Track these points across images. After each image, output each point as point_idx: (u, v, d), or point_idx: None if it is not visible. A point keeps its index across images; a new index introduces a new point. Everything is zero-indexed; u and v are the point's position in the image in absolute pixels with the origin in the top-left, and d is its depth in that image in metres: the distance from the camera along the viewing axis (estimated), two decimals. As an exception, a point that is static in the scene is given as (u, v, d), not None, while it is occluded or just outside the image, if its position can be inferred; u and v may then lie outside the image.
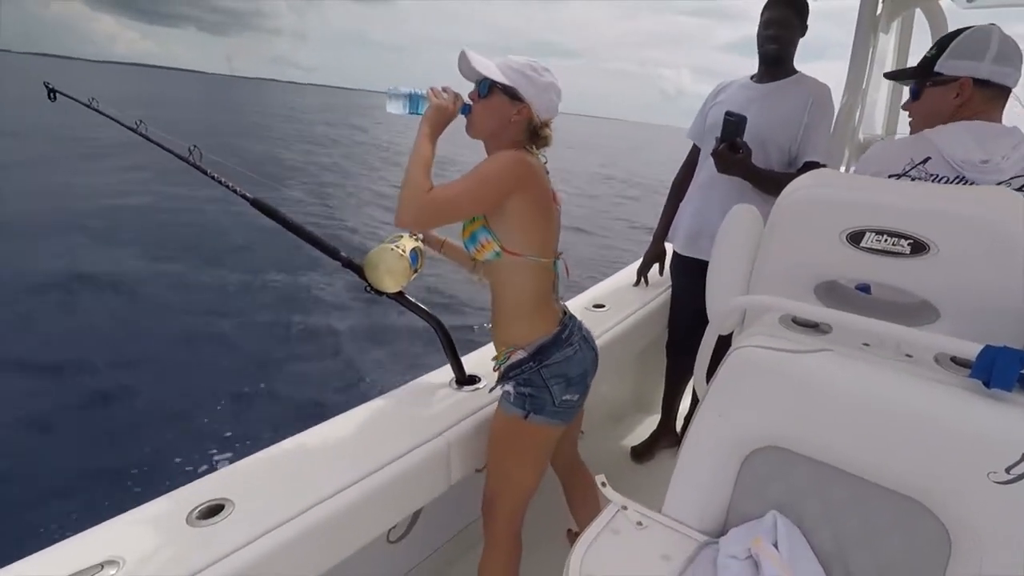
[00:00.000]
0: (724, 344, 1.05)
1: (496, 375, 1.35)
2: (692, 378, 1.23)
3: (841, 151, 2.42)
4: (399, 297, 1.44)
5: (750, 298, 1.09)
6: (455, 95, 1.24)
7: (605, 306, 2.07)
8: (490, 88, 1.22)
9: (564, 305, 1.38)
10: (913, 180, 1.22)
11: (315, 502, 1.09)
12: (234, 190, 1.51)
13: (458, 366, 1.54)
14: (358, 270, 1.41)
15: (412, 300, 1.48)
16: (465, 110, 1.25)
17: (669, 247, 2.27)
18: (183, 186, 9.28)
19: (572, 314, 1.38)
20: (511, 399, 1.29)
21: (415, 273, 1.40)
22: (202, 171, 1.54)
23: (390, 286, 1.37)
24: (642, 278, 2.33)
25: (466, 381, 1.53)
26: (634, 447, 2.35)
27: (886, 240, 0.97)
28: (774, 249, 1.12)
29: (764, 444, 0.91)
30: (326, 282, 6.35)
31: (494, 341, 1.35)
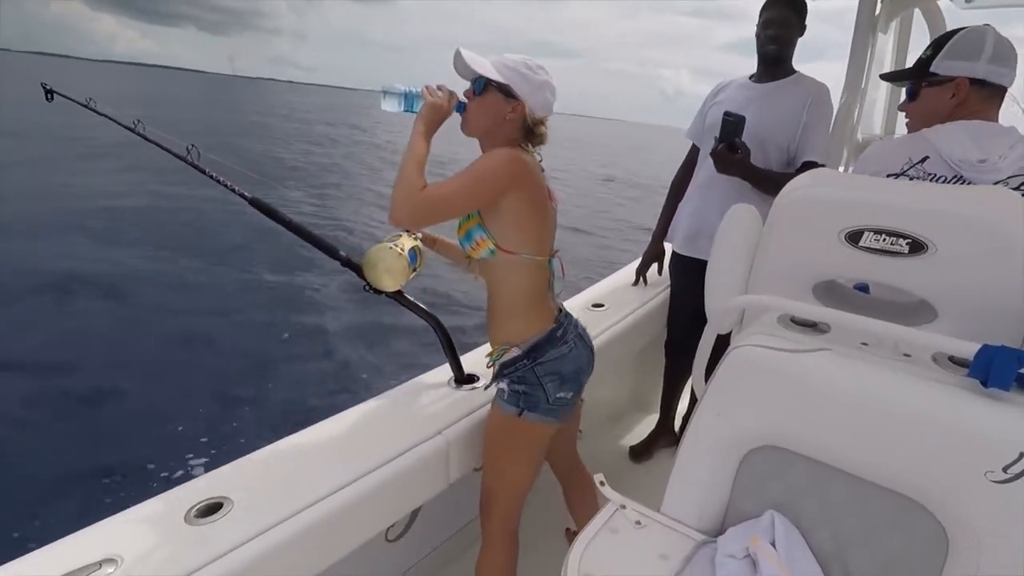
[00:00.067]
0: (723, 343, 1.04)
1: (491, 373, 1.35)
2: (691, 377, 1.23)
3: (840, 151, 2.43)
4: (398, 296, 1.44)
5: (749, 298, 1.09)
6: (450, 93, 1.25)
7: (604, 305, 2.07)
8: (485, 86, 1.22)
9: (560, 303, 1.38)
10: (911, 179, 1.22)
11: (313, 500, 1.09)
12: (232, 189, 1.51)
13: (457, 365, 1.54)
14: (357, 269, 1.42)
15: (411, 299, 1.48)
16: (460, 108, 1.25)
17: (668, 247, 2.27)
18: (181, 186, 9.27)
19: (568, 312, 1.37)
20: (505, 396, 1.29)
21: (414, 272, 1.40)
22: (200, 170, 1.54)
23: (389, 285, 1.37)
24: (641, 278, 2.33)
25: (465, 380, 1.53)
26: (632, 446, 2.35)
27: (885, 239, 0.97)
28: (773, 249, 1.13)
29: (762, 443, 0.91)
30: (325, 281, 6.35)
31: (489, 339, 1.35)
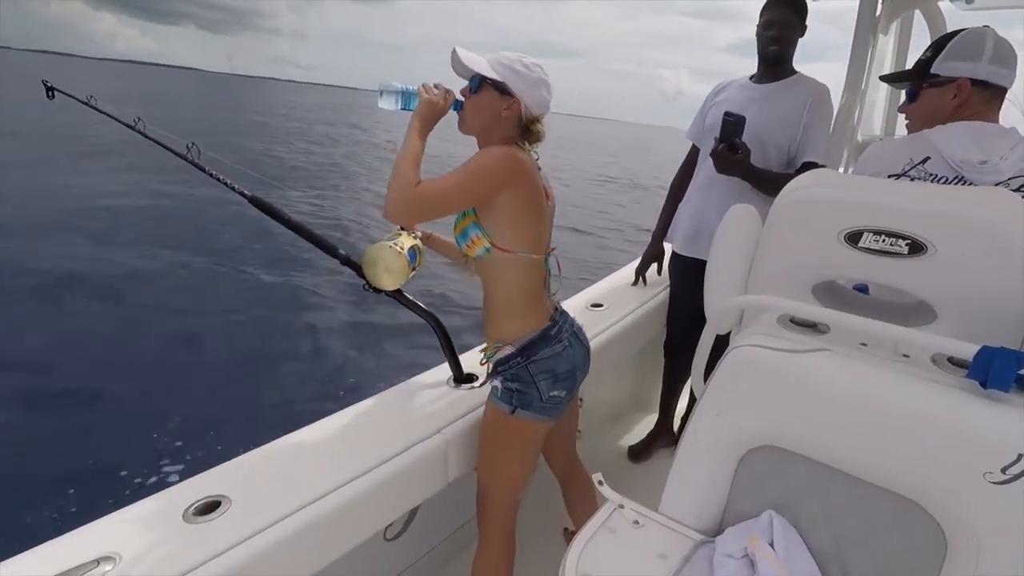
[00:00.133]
0: (722, 344, 1.05)
1: (486, 370, 1.34)
2: (690, 378, 1.23)
3: (840, 152, 2.42)
4: (397, 295, 1.44)
5: (748, 298, 1.09)
6: (446, 91, 1.25)
7: (603, 305, 2.07)
8: (480, 84, 1.22)
9: (557, 302, 1.37)
10: (912, 180, 1.22)
11: (311, 499, 1.09)
12: (232, 187, 1.51)
13: (456, 364, 1.54)
14: (356, 268, 1.42)
15: (410, 298, 1.48)
16: (457, 106, 1.26)
17: (668, 247, 2.27)
18: (181, 184, 9.27)
19: (564, 311, 1.37)
20: (498, 394, 1.30)
21: (413, 271, 1.40)
22: (200, 168, 1.54)
23: (388, 284, 1.37)
24: (640, 278, 2.33)
25: (464, 379, 1.53)
26: (631, 446, 2.35)
27: (884, 240, 0.97)
28: (772, 249, 1.13)
29: (761, 443, 0.91)
30: (324, 280, 6.33)
31: (485, 336, 1.35)
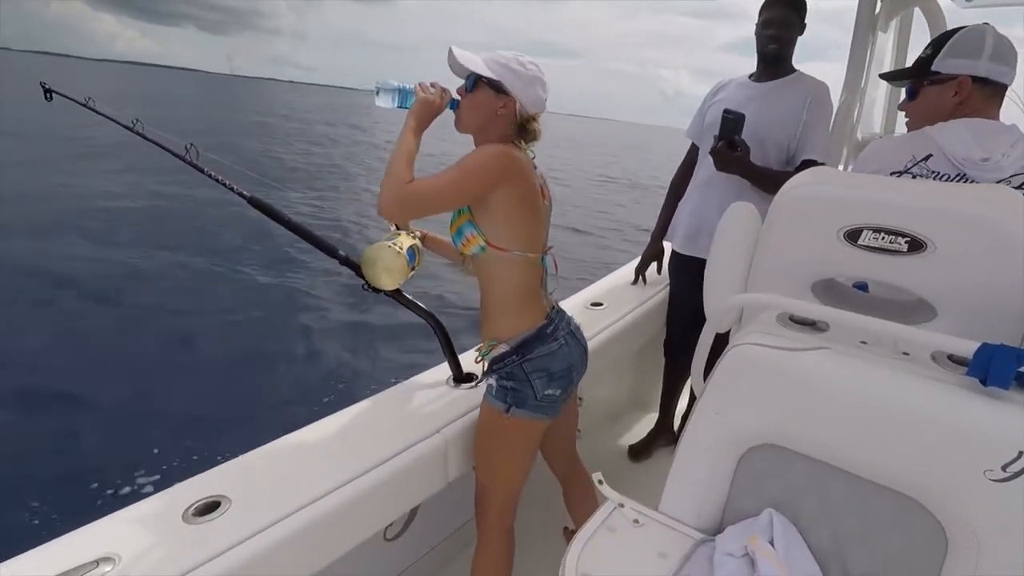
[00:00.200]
0: (722, 342, 1.04)
1: (482, 368, 1.34)
2: (690, 377, 1.22)
3: (839, 150, 2.42)
4: (396, 295, 1.44)
5: (747, 296, 1.09)
6: (442, 90, 1.25)
7: (603, 304, 2.07)
8: (475, 82, 1.22)
9: (554, 300, 1.37)
10: (915, 177, 1.21)
11: (311, 499, 1.09)
12: (231, 188, 1.51)
13: (455, 363, 1.54)
14: (356, 268, 1.42)
15: (409, 298, 1.48)
16: (453, 105, 1.26)
17: (667, 246, 2.27)
18: (180, 185, 9.25)
19: (561, 309, 1.37)
20: (493, 392, 1.29)
21: (412, 271, 1.40)
22: (199, 169, 1.54)
23: (387, 283, 1.37)
24: (640, 276, 2.33)
25: (464, 378, 1.53)
26: (632, 446, 2.35)
27: (883, 238, 0.97)
28: (772, 247, 1.12)
29: (761, 442, 0.91)
30: (323, 280, 6.32)
31: (481, 335, 1.35)
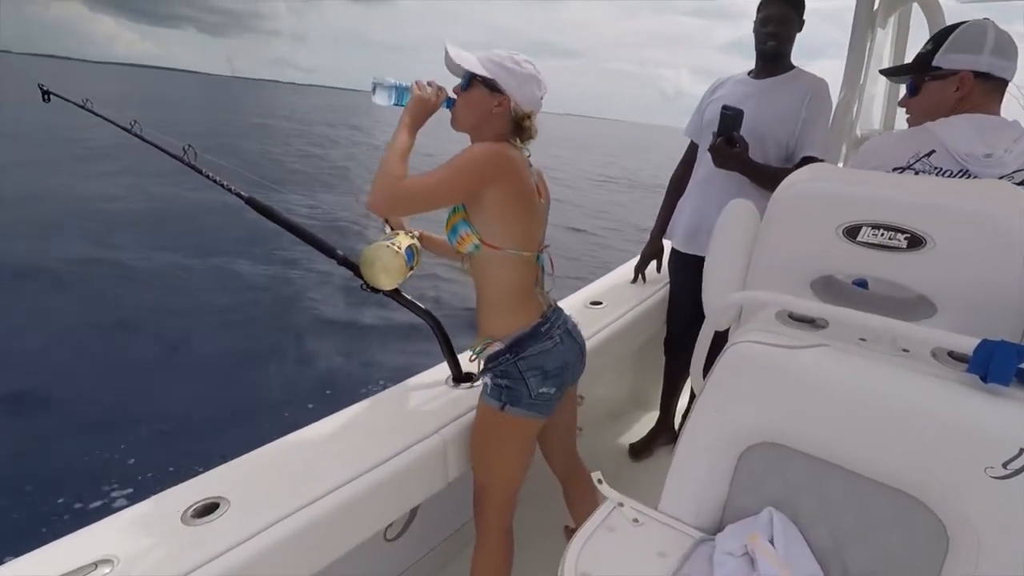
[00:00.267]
0: (721, 340, 1.04)
1: (477, 367, 1.34)
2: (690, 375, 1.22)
3: (838, 146, 2.41)
4: (395, 294, 1.44)
5: (746, 294, 1.09)
6: (438, 88, 1.25)
7: (602, 303, 2.07)
8: (471, 80, 1.23)
9: (551, 299, 1.37)
10: (917, 173, 1.21)
11: (311, 500, 1.09)
12: (229, 189, 1.50)
13: (455, 363, 1.53)
14: (354, 268, 1.41)
15: (408, 297, 1.47)
16: (449, 103, 1.26)
17: (667, 244, 2.26)
18: (178, 186, 9.26)
19: (558, 308, 1.37)
20: (488, 390, 1.29)
21: (411, 270, 1.40)
22: (197, 170, 1.54)
23: (386, 283, 1.37)
24: (640, 275, 2.32)
25: (463, 378, 1.53)
26: (632, 444, 2.35)
27: (883, 234, 0.96)
28: (771, 244, 1.12)
29: (760, 440, 0.90)
30: (321, 281, 6.33)
31: (477, 333, 1.35)
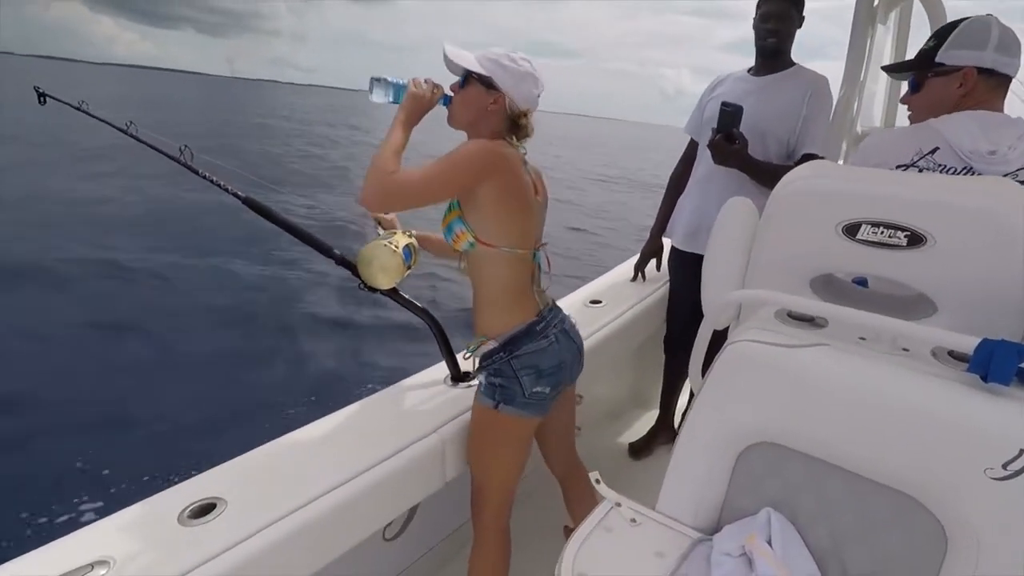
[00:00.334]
0: (720, 339, 1.03)
1: (472, 365, 1.34)
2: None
3: (839, 143, 2.40)
4: (393, 294, 1.43)
5: (745, 292, 1.08)
6: (434, 85, 1.25)
7: (602, 302, 2.06)
8: (467, 78, 1.23)
9: (549, 298, 1.36)
10: (921, 171, 1.19)
11: (308, 500, 1.08)
12: (226, 189, 1.50)
13: (453, 362, 1.53)
14: (352, 267, 1.41)
15: (406, 297, 1.47)
16: (446, 101, 1.26)
17: (667, 242, 2.25)
18: (175, 187, 9.25)
19: (556, 307, 1.36)
20: (483, 389, 1.29)
21: (409, 269, 1.39)
22: (193, 171, 1.53)
23: (384, 283, 1.36)
24: (639, 273, 2.31)
25: (461, 378, 1.52)
26: (632, 443, 2.34)
27: (882, 232, 0.95)
28: (770, 242, 1.11)
29: (759, 440, 0.90)
30: (319, 280, 6.31)
31: (474, 331, 1.34)
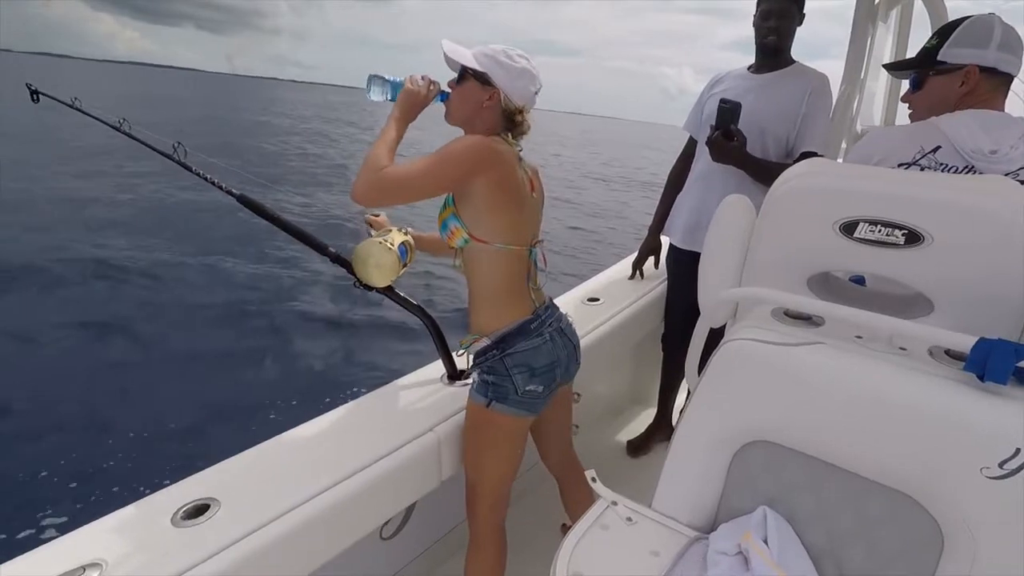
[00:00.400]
0: (717, 337, 1.03)
1: (467, 362, 1.33)
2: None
3: (839, 142, 2.40)
4: (388, 292, 1.43)
5: (742, 290, 1.08)
6: (430, 82, 1.25)
7: (600, 299, 2.06)
8: (463, 74, 1.23)
9: (545, 295, 1.35)
10: (923, 169, 1.18)
11: (304, 499, 1.08)
12: (220, 186, 1.49)
13: (449, 361, 1.52)
14: (347, 265, 1.40)
15: (401, 295, 1.46)
16: (443, 97, 1.26)
17: (665, 240, 2.25)
18: (169, 184, 9.23)
19: (553, 305, 1.35)
20: (476, 387, 1.29)
21: (404, 267, 1.39)
22: (187, 168, 1.52)
23: (379, 281, 1.36)
24: (637, 271, 2.31)
25: (457, 376, 1.52)
26: (630, 441, 2.34)
27: (880, 230, 0.94)
28: (767, 240, 1.10)
29: (755, 438, 0.90)
30: (314, 278, 6.29)
31: (468, 329, 1.33)
